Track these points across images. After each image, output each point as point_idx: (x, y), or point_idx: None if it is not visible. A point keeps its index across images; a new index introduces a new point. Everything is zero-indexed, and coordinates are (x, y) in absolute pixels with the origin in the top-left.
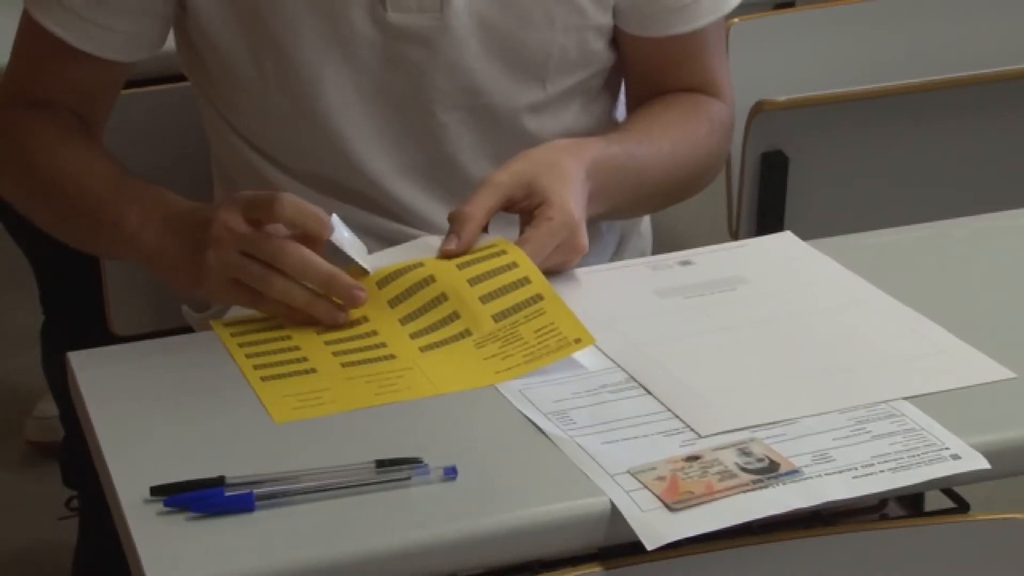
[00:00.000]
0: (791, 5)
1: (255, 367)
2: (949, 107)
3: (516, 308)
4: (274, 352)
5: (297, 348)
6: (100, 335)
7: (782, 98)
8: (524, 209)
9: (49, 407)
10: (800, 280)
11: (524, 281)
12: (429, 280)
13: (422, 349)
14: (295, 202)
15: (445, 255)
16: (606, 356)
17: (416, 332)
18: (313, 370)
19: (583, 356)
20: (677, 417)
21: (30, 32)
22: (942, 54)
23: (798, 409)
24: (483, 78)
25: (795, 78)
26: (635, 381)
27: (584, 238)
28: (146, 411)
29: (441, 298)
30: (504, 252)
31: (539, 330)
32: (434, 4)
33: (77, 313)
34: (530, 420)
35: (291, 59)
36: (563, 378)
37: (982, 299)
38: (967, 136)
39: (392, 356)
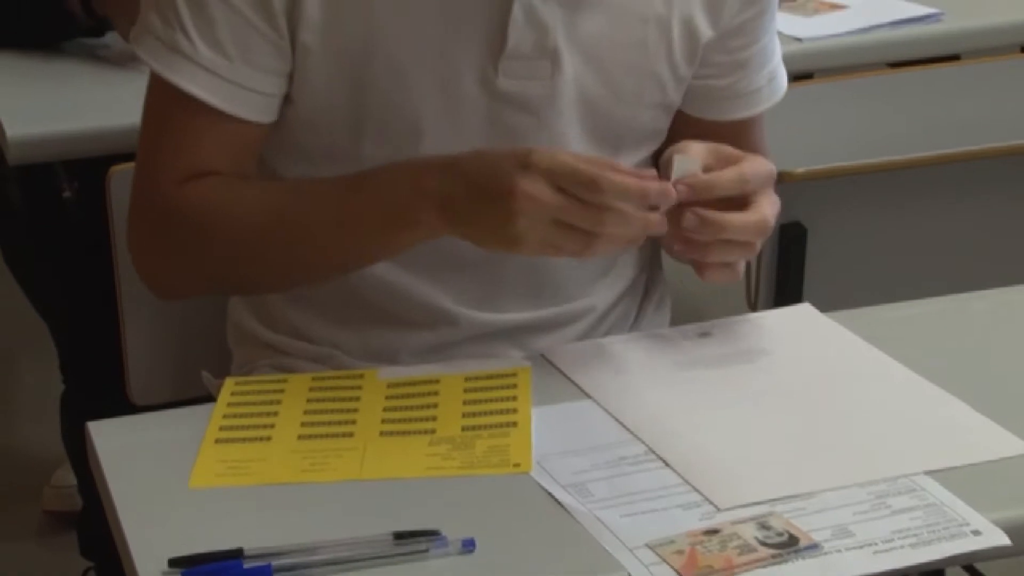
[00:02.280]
0: (809, 77)
1: (220, 428)
2: (968, 179)
3: (487, 426)
4: (252, 415)
5: (274, 414)
6: (120, 404)
7: (800, 169)
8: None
9: (67, 476)
10: (819, 352)
11: (511, 410)
12: (434, 384)
13: (382, 433)
14: (616, 182)
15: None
16: (625, 428)
17: (388, 418)
18: (268, 438)
19: (596, 419)
20: (696, 490)
21: (167, 105)
22: (961, 127)
23: (818, 483)
24: (574, 148)
25: (813, 150)
26: (654, 453)
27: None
28: (165, 481)
29: (431, 394)
30: (514, 385)
31: (492, 447)
32: (545, 72)
33: (97, 382)
34: (548, 492)
35: (394, 114)
36: (582, 450)
37: (1002, 373)
38: (986, 208)
39: (350, 434)
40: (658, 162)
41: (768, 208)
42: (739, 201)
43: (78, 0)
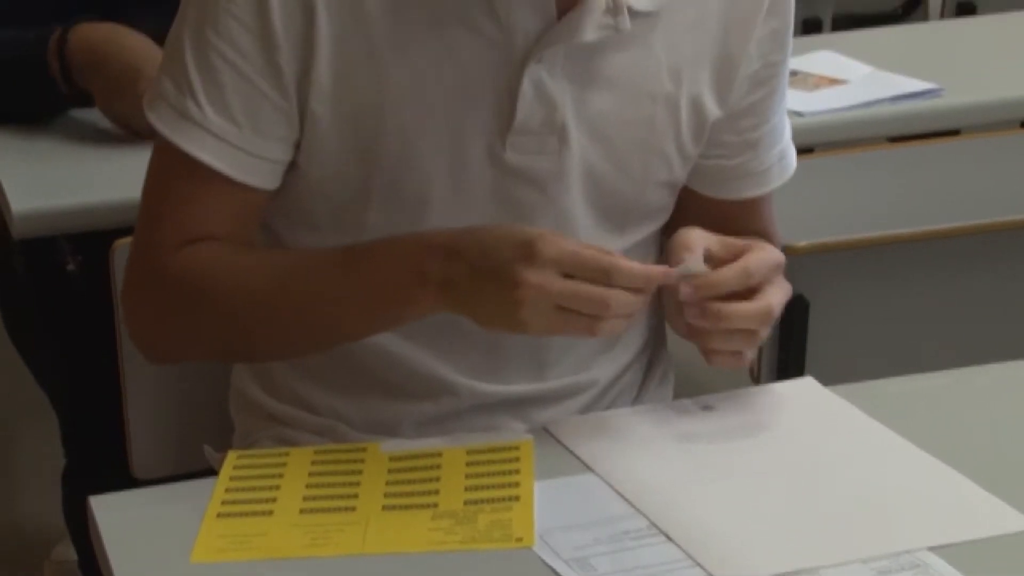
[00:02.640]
0: (811, 151)
1: (222, 502)
2: (969, 253)
3: (489, 500)
4: (254, 489)
5: (277, 488)
6: (122, 478)
7: (802, 243)
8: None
9: (68, 551)
10: (821, 426)
11: (513, 484)
12: (436, 457)
13: (384, 507)
14: (625, 271)
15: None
16: (627, 502)
17: (391, 492)
18: (270, 512)
19: (598, 493)
20: (699, 565)
21: (173, 171)
22: (962, 201)
23: (821, 558)
24: (580, 223)
25: (815, 223)
26: (656, 528)
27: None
28: (167, 556)
29: (434, 468)
30: (517, 459)
31: (494, 521)
32: (553, 147)
33: (99, 456)
34: (551, 567)
35: (402, 184)
36: (584, 524)
37: (1007, 448)
38: (988, 282)
39: (352, 508)
40: (664, 246)
41: (774, 297)
42: (746, 290)
43: (58, 69)
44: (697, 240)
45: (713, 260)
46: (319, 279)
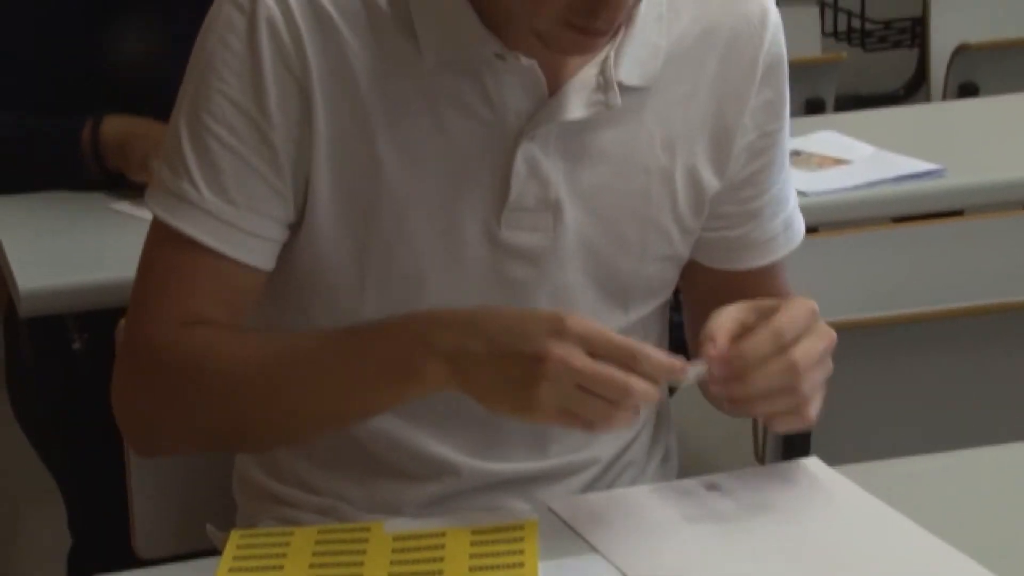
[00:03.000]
0: (814, 231)
1: None
2: (973, 334)
3: (495, 567)
4: (257, 569)
5: (280, 568)
6: (126, 558)
7: None
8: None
9: None
10: (827, 507)
11: (517, 564)
12: (440, 537)
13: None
14: (652, 359)
15: (708, 358)
16: None
17: (394, 572)
18: None
19: (602, 574)
20: None
21: (168, 252)
22: (965, 282)
23: None
24: (578, 300)
25: (819, 303)
26: None
27: (834, 334)
28: None
29: (437, 548)
30: (521, 539)
31: None
32: (547, 224)
33: (104, 537)
34: None
35: (397, 264)
36: None
37: (1013, 530)
38: (992, 363)
39: None
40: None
41: (801, 348)
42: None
43: (91, 151)
44: (721, 326)
45: (748, 327)
46: (321, 356)
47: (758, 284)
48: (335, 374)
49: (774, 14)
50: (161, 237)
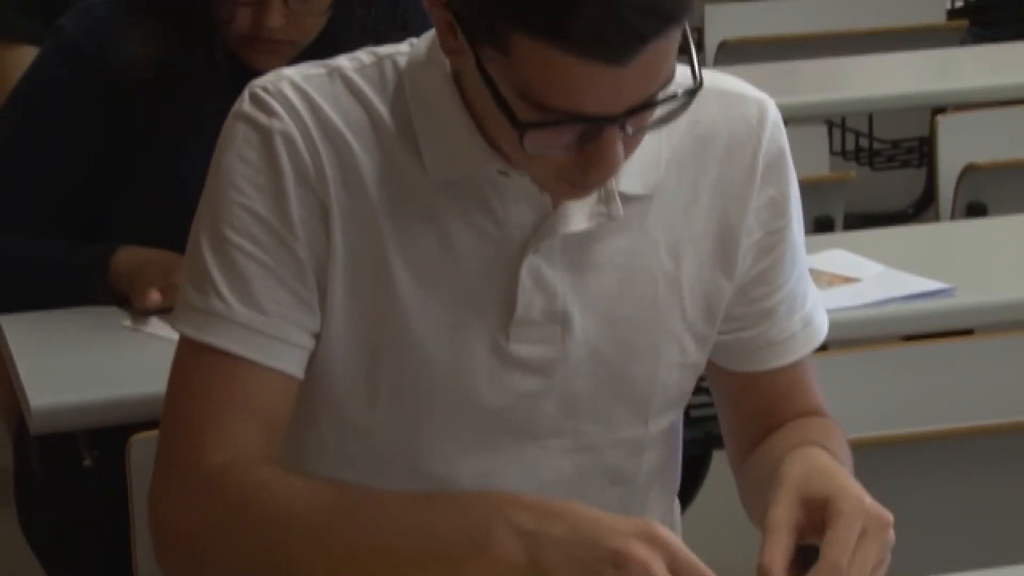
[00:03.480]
0: (824, 349)
1: None
2: (985, 453)
3: None
4: None
5: None
6: None
7: None
8: (817, 526)
9: None
10: None
11: None
12: None
13: None
14: None
15: None
16: None
17: None
18: None
19: None
20: None
21: (202, 371)
22: (976, 401)
23: None
24: (591, 410)
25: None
26: None
27: (887, 513)
28: None
29: None
30: None
31: None
32: (555, 336)
33: None
34: None
35: (407, 380)
36: None
37: None
38: (1004, 482)
39: None
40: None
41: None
42: None
43: (103, 282)
44: (774, 562)
45: (799, 529)
46: (383, 516)
47: (783, 386)
48: (398, 536)
49: (772, 112)
50: (193, 356)
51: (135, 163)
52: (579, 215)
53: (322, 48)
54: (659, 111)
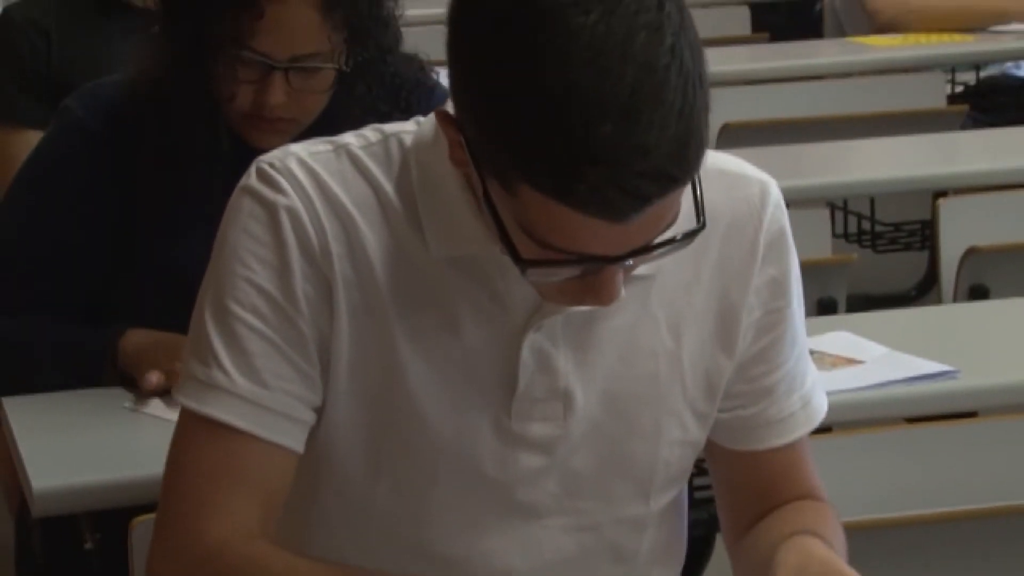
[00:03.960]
0: (828, 430)
1: None
2: (990, 536)
3: None
4: None
5: None
6: None
7: None
8: None
9: None
10: None
11: None
12: None
13: None
14: None
15: None
16: None
17: None
18: None
19: None
20: None
21: (202, 444)
22: (980, 484)
23: None
24: (591, 486)
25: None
26: None
27: None
28: None
29: None
30: None
31: None
32: (557, 413)
33: None
34: None
35: (410, 457)
36: None
37: None
38: (1008, 566)
39: None
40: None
41: None
42: None
43: (111, 365)
44: None
45: None
46: None
47: (780, 466)
48: None
49: (774, 193)
50: (193, 428)
51: (139, 242)
52: None
53: (323, 126)
54: (659, 250)
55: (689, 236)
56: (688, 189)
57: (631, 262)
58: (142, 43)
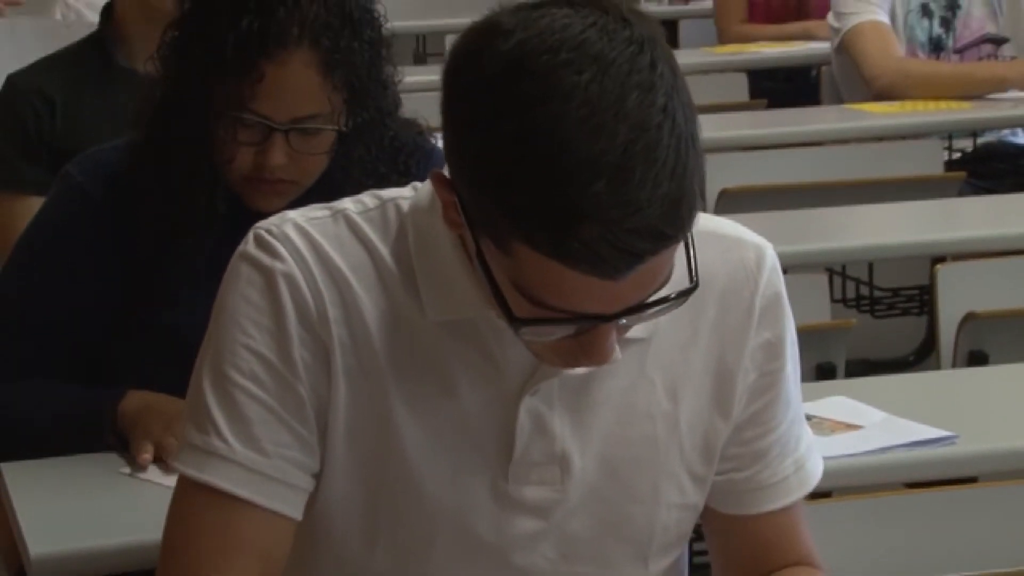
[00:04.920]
0: (827, 495)
1: None
2: None
3: None
4: None
5: None
6: None
7: None
8: None
9: None
10: None
11: None
12: None
13: None
14: None
15: None
16: None
17: None
18: None
19: None
20: None
21: (200, 511)
22: (979, 549)
23: None
24: (589, 550)
25: (834, 568)
26: None
27: None
28: None
29: None
30: None
31: None
32: (555, 477)
33: None
34: None
35: (407, 522)
36: None
37: None
38: None
39: None
40: None
41: None
42: None
43: (111, 428)
44: None
45: None
46: None
47: (773, 531)
48: None
49: (770, 256)
50: (192, 495)
51: (138, 305)
52: None
53: (323, 188)
54: (653, 309)
55: (682, 295)
56: (682, 249)
57: (624, 321)
58: (144, 107)
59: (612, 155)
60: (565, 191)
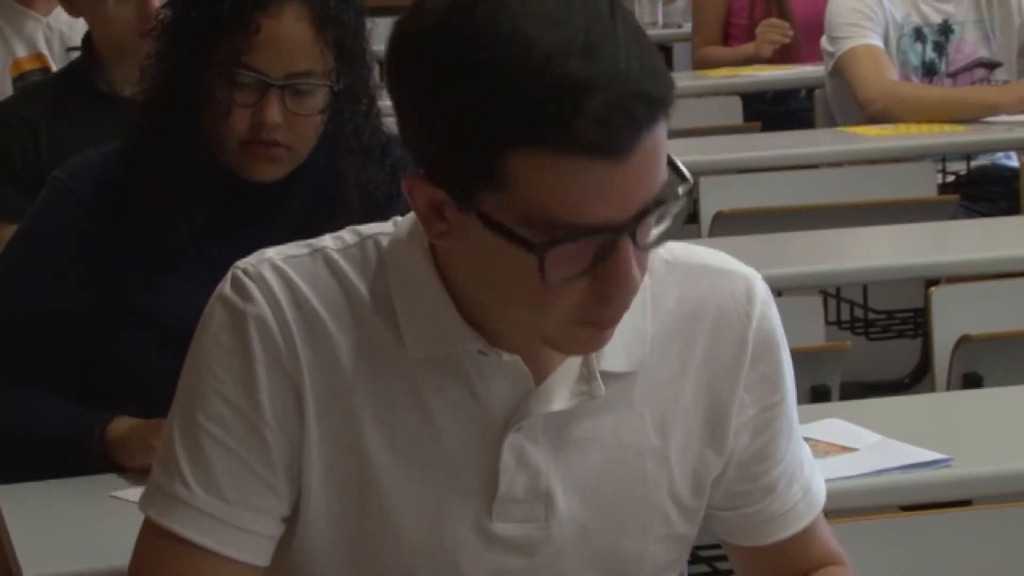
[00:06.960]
0: None
1: None
2: None
3: None
4: None
5: None
6: None
7: None
8: None
9: None
10: None
11: None
12: None
13: None
14: None
15: None
16: None
17: None
18: None
19: None
20: None
21: (162, 556)
22: (976, 571)
23: None
24: None
25: None
26: None
27: None
28: None
29: None
30: None
31: None
32: (539, 514)
33: None
34: None
35: (390, 562)
36: None
37: None
38: None
39: None
40: None
41: None
42: None
43: (101, 452)
44: None
45: None
46: None
47: (794, 552)
48: None
49: (760, 288)
50: (154, 538)
51: (134, 298)
52: (561, 393)
53: (319, 199)
54: (662, 226)
55: (686, 193)
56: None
57: (641, 241)
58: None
59: (578, 38)
60: (551, 75)
